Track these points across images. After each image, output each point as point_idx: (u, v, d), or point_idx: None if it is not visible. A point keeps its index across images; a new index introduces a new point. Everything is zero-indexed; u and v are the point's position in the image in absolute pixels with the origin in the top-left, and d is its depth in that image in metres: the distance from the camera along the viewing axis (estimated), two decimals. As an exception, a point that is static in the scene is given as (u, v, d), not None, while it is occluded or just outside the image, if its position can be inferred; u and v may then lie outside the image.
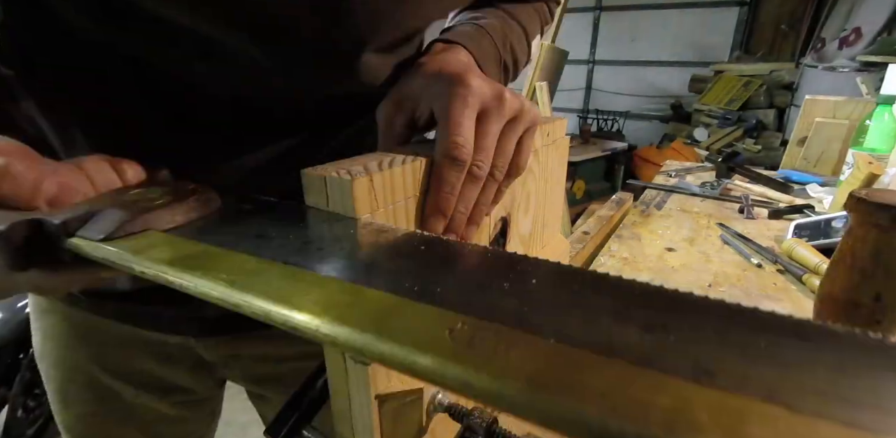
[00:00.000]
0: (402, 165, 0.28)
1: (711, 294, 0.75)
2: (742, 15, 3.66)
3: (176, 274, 0.21)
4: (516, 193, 0.43)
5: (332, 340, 0.16)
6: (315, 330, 0.17)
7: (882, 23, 2.45)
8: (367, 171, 0.26)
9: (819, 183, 1.20)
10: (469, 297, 0.18)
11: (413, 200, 0.29)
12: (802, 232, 0.84)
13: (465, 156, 0.28)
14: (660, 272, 0.76)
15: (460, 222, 0.30)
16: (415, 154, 0.30)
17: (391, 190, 0.27)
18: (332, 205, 0.26)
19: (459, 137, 0.28)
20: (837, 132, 1.32)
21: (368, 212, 0.26)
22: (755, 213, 1.02)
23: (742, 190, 1.17)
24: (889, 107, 1.01)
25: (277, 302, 0.18)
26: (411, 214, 0.30)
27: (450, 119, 0.29)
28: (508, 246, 0.44)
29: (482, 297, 0.18)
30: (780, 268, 0.77)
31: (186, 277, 0.20)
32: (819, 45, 3.00)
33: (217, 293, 0.19)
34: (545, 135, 0.46)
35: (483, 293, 0.18)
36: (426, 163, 0.29)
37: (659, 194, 1.18)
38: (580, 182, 3.39)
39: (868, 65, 2.36)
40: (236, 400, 0.73)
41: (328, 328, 0.17)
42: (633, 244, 0.87)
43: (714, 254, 0.83)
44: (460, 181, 0.29)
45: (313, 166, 0.27)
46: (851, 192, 0.26)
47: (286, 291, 0.19)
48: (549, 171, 0.49)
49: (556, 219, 0.56)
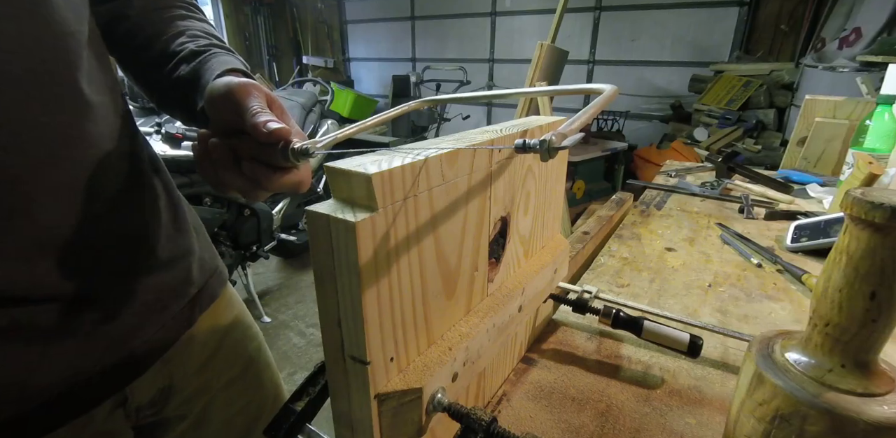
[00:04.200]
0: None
1: (711, 294, 0.75)
2: (742, 15, 3.67)
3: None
4: (516, 193, 0.43)
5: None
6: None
7: (882, 23, 2.45)
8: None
9: (819, 183, 1.20)
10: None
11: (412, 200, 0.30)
12: (802, 233, 0.84)
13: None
14: (660, 272, 0.76)
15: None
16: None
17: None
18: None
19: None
20: (837, 132, 1.32)
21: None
22: (755, 213, 1.02)
23: (742, 190, 1.17)
24: (889, 107, 1.01)
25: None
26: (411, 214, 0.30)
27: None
28: (508, 245, 0.44)
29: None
30: (780, 268, 0.77)
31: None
32: (819, 45, 3.00)
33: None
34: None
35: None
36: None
37: (659, 194, 1.18)
38: (580, 182, 3.39)
39: (868, 65, 2.36)
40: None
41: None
42: (633, 244, 0.87)
43: (714, 254, 0.83)
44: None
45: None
46: (847, 191, 0.26)
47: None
48: (548, 171, 0.50)
49: (555, 219, 0.56)
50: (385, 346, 0.30)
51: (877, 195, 0.25)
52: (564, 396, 0.48)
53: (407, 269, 0.30)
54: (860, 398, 0.28)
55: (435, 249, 0.32)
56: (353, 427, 0.32)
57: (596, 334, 0.59)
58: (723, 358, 0.55)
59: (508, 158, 0.40)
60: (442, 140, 0.35)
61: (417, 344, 0.33)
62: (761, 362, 0.32)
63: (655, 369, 0.53)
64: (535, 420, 0.45)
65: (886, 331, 0.28)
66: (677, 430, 0.44)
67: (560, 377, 0.51)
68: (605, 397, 0.48)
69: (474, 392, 0.44)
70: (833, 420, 0.28)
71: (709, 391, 0.49)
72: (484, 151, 0.35)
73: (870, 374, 0.29)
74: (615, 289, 0.71)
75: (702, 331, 0.54)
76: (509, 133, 0.39)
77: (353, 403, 0.31)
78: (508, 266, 0.45)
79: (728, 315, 0.64)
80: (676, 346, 0.50)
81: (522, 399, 0.48)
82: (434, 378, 0.32)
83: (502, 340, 0.44)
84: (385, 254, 0.28)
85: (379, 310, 0.28)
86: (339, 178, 0.27)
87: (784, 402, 0.29)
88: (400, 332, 0.31)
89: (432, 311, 0.34)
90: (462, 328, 0.37)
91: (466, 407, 0.33)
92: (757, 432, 0.31)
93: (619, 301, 0.57)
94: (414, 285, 0.31)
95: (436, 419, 0.34)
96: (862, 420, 0.27)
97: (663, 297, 0.68)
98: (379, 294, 0.28)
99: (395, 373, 0.32)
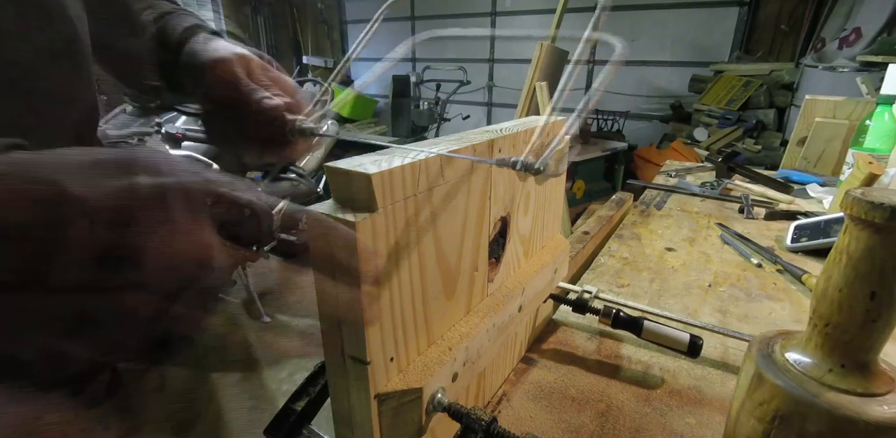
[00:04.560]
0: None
1: (711, 294, 0.74)
2: (742, 15, 3.67)
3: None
4: (516, 193, 0.43)
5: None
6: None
7: (882, 23, 2.45)
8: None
9: (819, 183, 1.20)
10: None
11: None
12: (802, 233, 0.84)
13: None
14: (660, 272, 0.76)
15: None
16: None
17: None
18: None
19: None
20: (837, 132, 1.32)
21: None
22: (755, 213, 1.02)
23: (742, 190, 1.17)
24: (889, 107, 1.01)
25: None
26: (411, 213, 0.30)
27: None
28: (508, 245, 0.44)
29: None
30: (780, 268, 0.77)
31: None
32: (819, 45, 3.00)
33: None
34: (545, 135, 0.46)
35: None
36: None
37: (659, 194, 1.18)
38: (580, 182, 3.40)
39: (868, 65, 2.36)
40: (236, 400, 0.73)
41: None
42: (633, 244, 0.87)
43: (714, 254, 0.83)
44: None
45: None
46: (847, 191, 0.26)
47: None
48: (548, 171, 0.49)
49: (555, 218, 0.56)
50: (385, 346, 0.30)
51: (877, 195, 0.25)
52: (564, 396, 0.48)
53: (407, 269, 0.30)
54: (860, 398, 0.28)
55: (435, 249, 0.32)
56: (353, 427, 0.32)
57: (596, 334, 0.59)
58: (723, 358, 0.55)
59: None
60: (442, 140, 0.35)
61: (417, 344, 0.33)
62: (761, 362, 0.32)
63: (655, 369, 0.53)
64: (535, 420, 0.45)
65: (886, 331, 0.28)
66: (677, 430, 0.44)
67: (560, 377, 0.51)
68: (605, 397, 0.48)
69: (474, 392, 0.44)
70: (833, 420, 0.28)
71: (709, 391, 0.49)
72: (484, 151, 0.35)
73: (870, 374, 0.29)
74: (615, 289, 0.71)
75: (702, 331, 0.54)
76: (509, 133, 0.39)
77: (353, 403, 0.31)
78: (508, 266, 0.45)
79: (728, 315, 0.64)
80: (676, 346, 0.50)
81: (522, 399, 0.48)
82: (434, 378, 0.32)
83: (502, 340, 0.44)
84: (385, 254, 0.28)
85: (379, 310, 0.28)
86: (338, 178, 0.27)
87: (784, 402, 0.29)
88: (400, 332, 0.31)
89: (432, 311, 0.34)
90: (462, 328, 0.37)
91: (466, 407, 0.33)
92: (757, 432, 0.31)
93: (619, 301, 0.57)
94: (414, 285, 0.31)
95: (436, 419, 0.34)
96: (862, 420, 0.27)
97: (663, 297, 0.68)
98: (379, 294, 0.28)
99: (395, 373, 0.32)
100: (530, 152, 0.29)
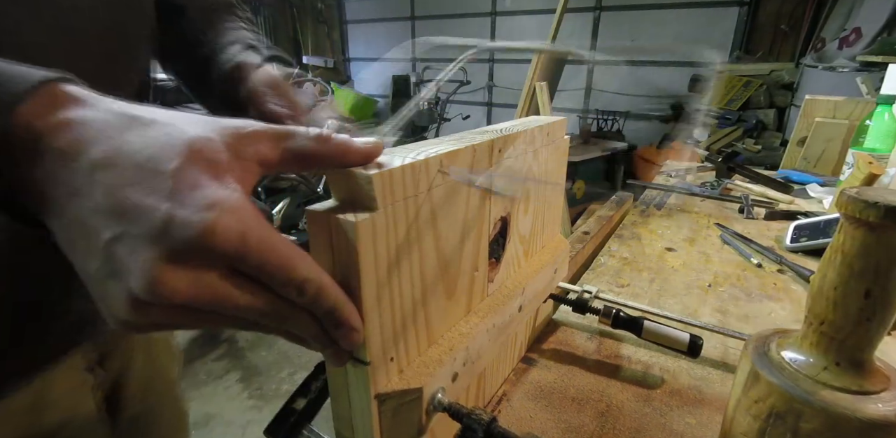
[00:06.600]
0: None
1: (711, 294, 0.75)
2: (742, 15, 3.67)
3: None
4: (514, 194, 0.43)
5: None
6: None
7: (882, 23, 2.45)
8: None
9: (819, 183, 1.20)
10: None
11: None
12: (802, 233, 0.85)
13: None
14: (660, 272, 0.76)
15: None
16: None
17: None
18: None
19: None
20: (837, 132, 1.32)
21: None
22: (755, 213, 1.02)
23: (742, 190, 1.17)
24: (889, 107, 1.01)
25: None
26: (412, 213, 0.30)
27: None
28: (508, 245, 0.44)
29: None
30: (780, 268, 0.77)
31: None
32: (819, 45, 3.00)
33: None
34: (545, 135, 0.46)
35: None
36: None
37: (659, 194, 1.19)
38: (580, 182, 3.40)
39: (868, 65, 2.36)
40: (236, 400, 0.73)
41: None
42: (633, 244, 0.87)
43: (714, 254, 0.83)
44: None
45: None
46: (842, 190, 0.26)
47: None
48: (548, 171, 0.50)
49: (555, 218, 0.56)
50: (385, 346, 0.30)
51: (871, 194, 0.25)
52: (564, 396, 0.49)
53: (407, 269, 0.30)
54: (855, 395, 0.28)
55: (435, 249, 0.33)
56: (353, 427, 0.32)
57: (596, 334, 0.60)
58: (723, 357, 0.55)
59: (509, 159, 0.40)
60: (442, 140, 0.35)
61: (417, 344, 0.33)
62: (757, 360, 0.32)
63: (655, 369, 0.53)
64: (535, 420, 0.46)
65: (881, 330, 0.28)
66: (677, 430, 0.44)
67: (560, 377, 0.52)
68: (605, 397, 0.48)
69: (474, 392, 0.44)
70: (828, 418, 0.28)
71: (709, 391, 0.49)
72: (484, 151, 0.36)
73: (864, 372, 0.29)
74: (615, 289, 0.71)
75: (702, 331, 0.54)
76: (509, 133, 0.39)
77: (353, 403, 0.31)
78: (508, 266, 0.46)
79: (728, 315, 0.64)
80: (676, 346, 0.50)
81: (522, 399, 0.48)
82: (434, 378, 0.32)
83: (502, 340, 0.44)
84: (385, 254, 0.28)
85: (379, 310, 0.28)
86: (339, 178, 0.27)
87: (779, 400, 0.30)
88: (400, 332, 0.31)
89: (432, 311, 0.34)
90: (462, 328, 0.38)
91: (466, 407, 0.33)
92: (752, 429, 0.32)
93: (619, 301, 0.57)
94: (414, 285, 0.31)
95: (436, 419, 0.34)
96: (856, 417, 0.27)
97: (663, 297, 0.69)
98: (379, 294, 0.28)
99: (395, 373, 0.32)
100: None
